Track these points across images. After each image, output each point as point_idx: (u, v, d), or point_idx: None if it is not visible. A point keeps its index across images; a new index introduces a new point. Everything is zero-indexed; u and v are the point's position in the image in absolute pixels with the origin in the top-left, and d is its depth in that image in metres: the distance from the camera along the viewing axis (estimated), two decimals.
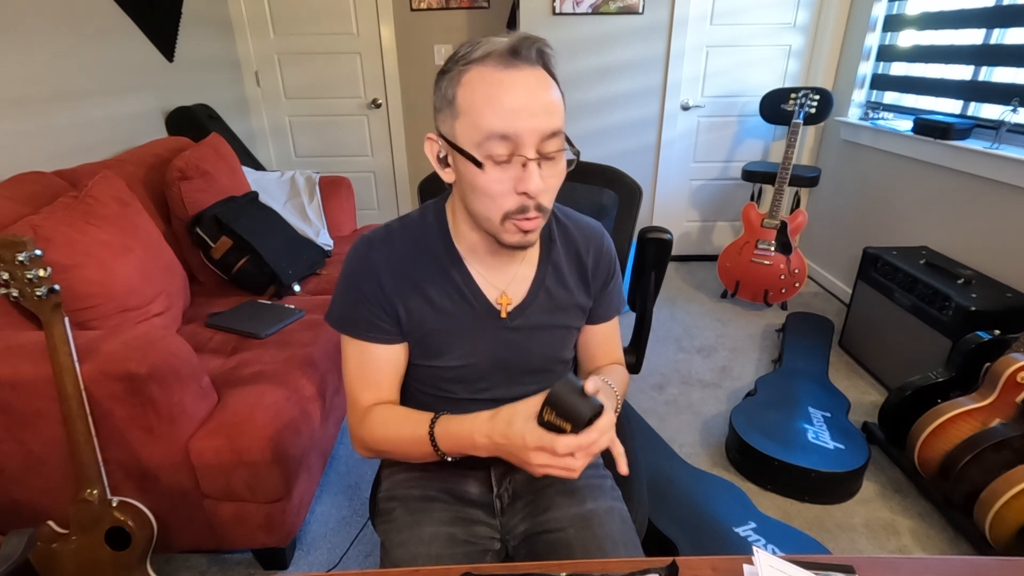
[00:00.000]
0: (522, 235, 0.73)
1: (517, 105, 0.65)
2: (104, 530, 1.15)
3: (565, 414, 0.63)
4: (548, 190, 0.71)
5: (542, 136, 0.67)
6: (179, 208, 1.91)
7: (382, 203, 3.71)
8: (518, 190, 0.69)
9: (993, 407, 1.49)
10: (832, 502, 1.65)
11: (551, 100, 0.68)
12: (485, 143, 0.67)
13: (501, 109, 0.65)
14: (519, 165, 0.68)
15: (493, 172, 0.68)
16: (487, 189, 0.69)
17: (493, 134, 0.66)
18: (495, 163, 0.67)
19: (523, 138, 0.66)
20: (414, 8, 3.24)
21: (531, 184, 0.67)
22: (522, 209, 0.70)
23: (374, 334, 0.81)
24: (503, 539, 0.89)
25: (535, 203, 0.70)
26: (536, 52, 0.68)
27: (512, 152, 0.67)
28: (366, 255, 0.80)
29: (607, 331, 0.95)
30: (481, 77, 0.66)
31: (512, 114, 0.65)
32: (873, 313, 2.25)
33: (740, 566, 0.64)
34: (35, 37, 1.80)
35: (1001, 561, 0.67)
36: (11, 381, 1.11)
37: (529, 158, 0.67)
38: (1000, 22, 2.08)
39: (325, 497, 1.68)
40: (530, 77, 0.67)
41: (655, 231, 1.22)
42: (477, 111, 0.66)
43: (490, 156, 0.67)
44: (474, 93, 0.66)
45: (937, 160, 2.24)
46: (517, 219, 0.71)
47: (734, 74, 3.06)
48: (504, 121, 0.65)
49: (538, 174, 0.68)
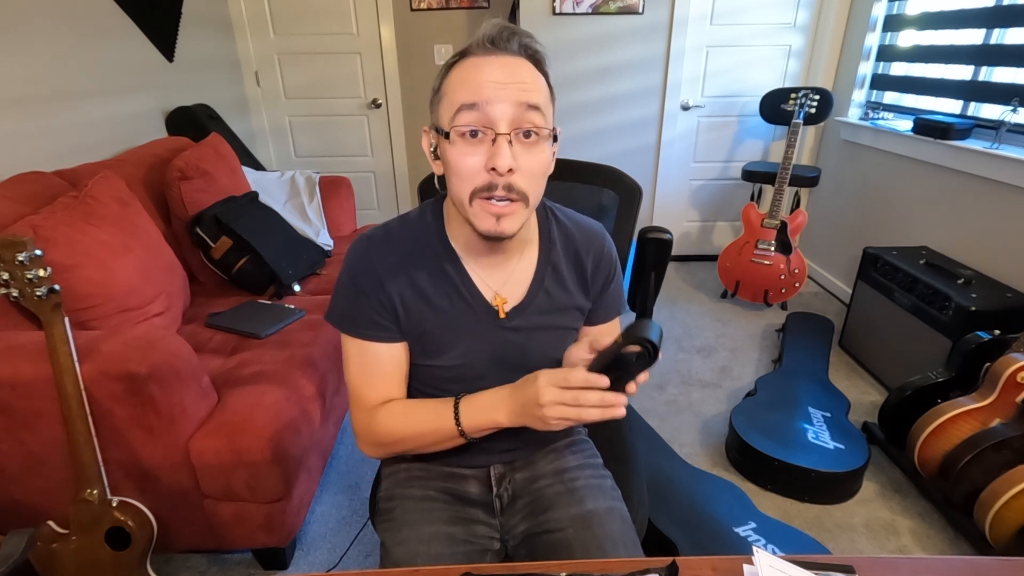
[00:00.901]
0: (493, 221, 0.71)
1: (489, 79, 0.68)
2: (104, 530, 1.15)
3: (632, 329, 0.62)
4: (523, 173, 0.70)
5: (516, 109, 0.67)
6: (179, 208, 1.91)
7: (382, 203, 3.71)
8: (487, 167, 0.69)
9: (993, 407, 1.49)
10: (832, 502, 1.65)
11: (526, 79, 0.69)
12: (456, 116, 0.68)
13: (472, 83, 0.68)
14: (489, 142, 0.68)
15: (462, 145, 0.69)
16: (457, 164, 0.70)
17: (464, 104, 0.68)
18: (463, 136, 0.68)
19: (493, 108, 0.67)
20: (414, 8, 3.24)
21: (498, 159, 0.67)
22: (489, 187, 0.69)
23: (375, 332, 0.80)
24: (503, 539, 0.89)
25: (504, 182, 0.69)
26: (518, 44, 0.70)
27: (481, 124, 0.68)
28: (365, 253, 0.80)
29: (606, 332, 0.94)
30: (463, 64, 0.70)
31: (482, 86, 0.67)
32: (873, 313, 2.25)
33: (740, 566, 0.64)
34: (35, 37, 1.80)
35: (1001, 561, 0.67)
36: (11, 381, 1.11)
37: (499, 132, 0.67)
38: (1000, 22, 2.08)
39: (325, 497, 1.68)
40: (506, 61, 0.69)
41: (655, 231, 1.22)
42: (453, 90, 0.70)
43: (458, 128, 0.68)
44: (455, 77, 0.70)
45: (937, 160, 2.24)
46: (484, 198, 0.70)
47: (734, 74, 3.06)
48: (473, 92, 0.67)
49: (508, 150, 0.67)
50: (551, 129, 0.72)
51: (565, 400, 0.66)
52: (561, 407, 0.67)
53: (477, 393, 0.78)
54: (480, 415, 0.76)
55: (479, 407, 0.77)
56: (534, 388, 0.68)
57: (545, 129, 0.71)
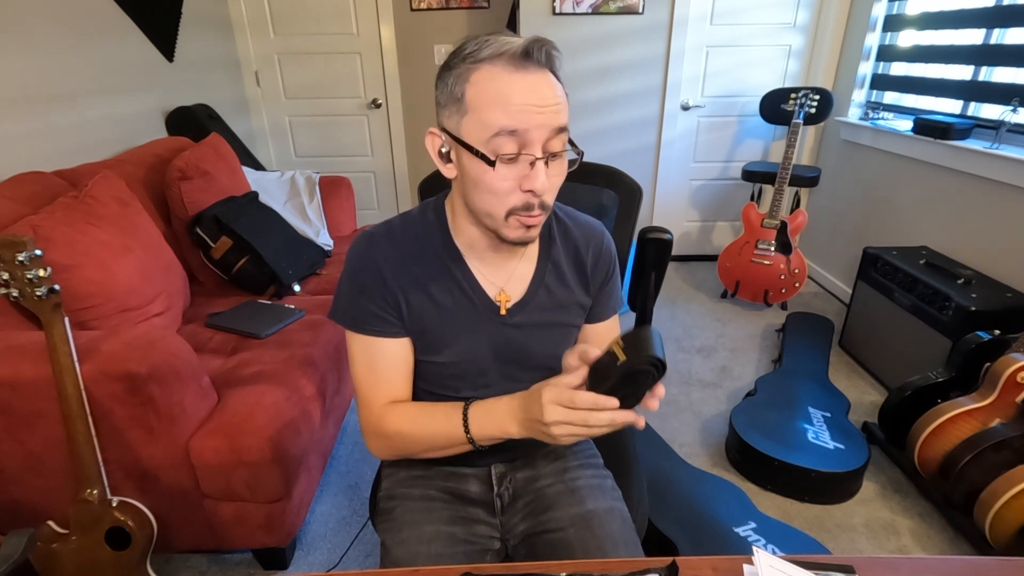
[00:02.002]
0: (524, 231, 0.73)
1: (527, 102, 0.66)
2: (104, 530, 1.15)
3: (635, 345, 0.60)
4: (552, 188, 0.72)
5: (550, 133, 0.68)
6: (179, 208, 1.91)
7: (382, 203, 3.71)
8: (524, 188, 0.69)
9: (993, 407, 1.49)
10: (832, 502, 1.65)
11: (558, 99, 0.69)
12: (493, 139, 0.67)
13: (511, 106, 0.66)
14: (526, 163, 0.68)
15: (502, 169, 0.69)
16: (493, 186, 0.70)
17: (503, 130, 0.66)
18: (503, 160, 0.68)
19: (531, 134, 0.67)
20: (414, 8, 3.24)
21: (537, 182, 0.68)
22: (527, 206, 0.71)
23: (380, 327, 0.80)
24: (503, 539, 0.89)
25: (540, 200, 0.71)
26: (545, 54, 0.69)
27: (519, 149, 0.68)
28: (367, 250, 0.81)
29: (605, 330, 0.94)
30: (491, 76, 0.67)
31: (521, 111, 0.66)
32: (873, 313, 2.25)
33: (740, 566, 0.64)
34: (35, 37, 1.80)
35: (1001, 561, 0.67)
36: (11, 381, 1.11)
37: (537, 156, 0.68)
38: (1000, 22, 2.08)
39: (325, 497, 1.68)
40: (539, 78, 0.68)
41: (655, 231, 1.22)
42: (486, 109, 0.67)
43: (498, 153, 0.68)
44: (484, 91, 0.67)
45: (937, 160, 2.24)
46: (522, 216, 0.71)
47: (734, 74, 3.06)
48: (513, 118, 0.66)
49: (544, 172, 0.69)
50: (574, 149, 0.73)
51: (573, 421, 0.64)
52: (569, 427, 0.65)
53: (487, 401, 0.76)
54: (490, 426, 0.75)
55: (490, 417, 0.75)
56: (538, 406, 0.66)
57: (569, 150, 0.72)
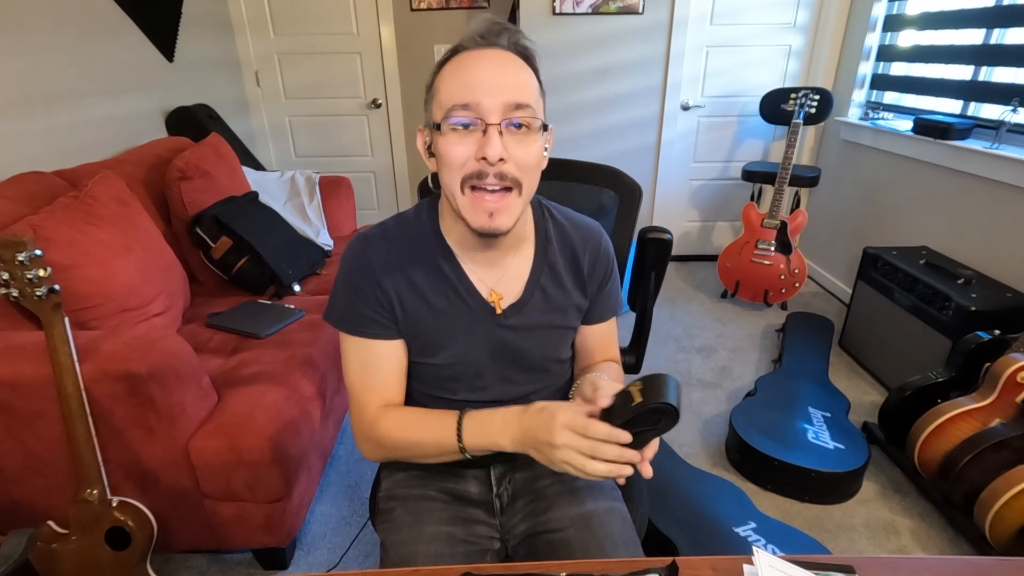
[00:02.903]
0: (485, 217, 0.71)
1: (478, 76, 0.69)
2: (104, 530, 1.15)
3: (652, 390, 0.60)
4: (516, 162, 0.70)
5: (505, 106, 0.68)
6: (179, 208, 1.91)
7: (382, 203, 3.71)
8: (477, 156, 0.69)
9: (993, 407, 1.49)
10: (832, 502, 1.65)
11: (518, 77, 0.70)
12: (450, 113, 0.69)
13: (464, 81, 0.69)
14: (480, 132, 0.69)
15: (453, 136, 0.70)
16: (448, 155, 0.70)
17: (456, 105, 0.69)
18: (455, 129, 0.70)
19: (483, 105, 0.68)
20: (414, 8, 3.24)
21: (489, 149, 0.68)
22: (480, 174, 0.70)
23: (373, 330, 0.80)
24: (503, 539, 0.89)
25: (495, 170, 0.70)
26: (507, 39, 0.71)
27: (474, 118, 0.69)
28: (362, 251, 0.81)
29: (604, 331, 0.94)
30: (456, 61, 0.71)
31: (474, 84, 0.68)
32: (873, 313, 2.25)
33: (740, 566, 0.64)
34: (35, 37, 1.80)
35: (1001, 561, 0.67)
36: (11, 381, 1.11)
37: (490, 123, 0.68)
38: (1000, 22, 2.08)
39: (325, 497, 1.68)
40: (496, 56, 0.70)
41: (655, 231, 1.22)
42: (445, 87, 0.71)
43: (452, 124, 0.70)
44: (448, 74, 0.71)
45: (937, 160, 2.24)
46: (476, 187, 0.70)
47: (734, 74, 3.06)
48: (466, 91, 0.68)
49: (498, 140, 0.68)
50: (541, 120, 0.72)
51: (582, 448, 0.63)
52: (575, 453, 0.64)
53: (483, 411, 0.76)
54: (484, 437, 0.74)
55: (484, 429, 0.74)
56: (549, 426, 0.65)
57: (536, 121, 0.71)
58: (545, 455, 0.67)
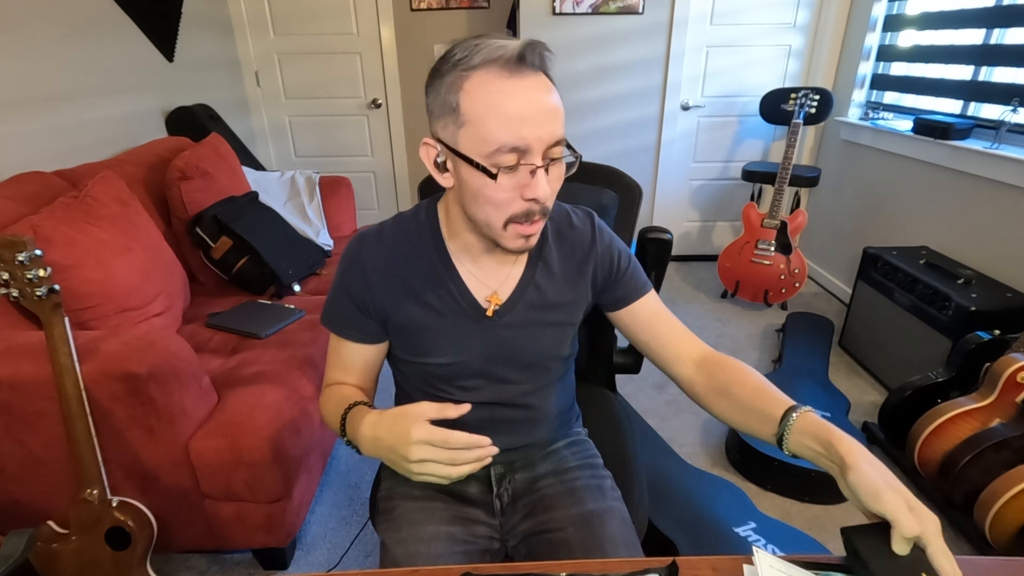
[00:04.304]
0: (523, 240, 0.73)
1: (524, 114, 0.65)
2: (104, 530, 1.14)
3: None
4: (552, 194, 0.72)
5: (547, 144, 0.67)
6: (179, 208, 1.91)
7: (382, 203, 3.71)
8: (525, 196, 0.69)
9: (993, 407, 1.49)
10: (832, 502, 1.65)
11: (554, 106, 0.68)
12: (494, 155, 0.66)
13: (509, 120, 0.64)
14: (526, 172, 0.68)
15: (503, 180, 0.68)
16: (494, 197, 0.69)
17: (504, 147, 0.65)
18: (504, 172, 0.67)
19: (531, 147, 0.66)
20: (414, 8, 3.24)
21: (539, 191, 0.68)
22: (528, 214, 0.70)
23: (348, 332, 0.84)
24: (503, 539, 0.89)
25: (541, 207, 0.71)
26: (539, 57, 0.67)
27: (519, 160, 0.67)
28: (357, 252, 0.82)
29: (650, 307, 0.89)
30: (485, 85, 0.65)
31: (519, 123, 0.65)
32: (873, 313, 2.25)
33: (740, 566, 0.64)
34: (35, 37, 1.80)
35: (1001, 561, 0.67)
36: (11, 381, 1.11)
37: (538, 165, 0.67)
38: (1000, 22, 2.08)
39: (325, 497, 1.68)
40: (534, 84, 0.66)
41: (655, 231, 1.22)
42: (483, 122, 0.65)
43: (500, 165, 0.67)
44: (479, 101, 0.65)
45: (937, 160, 2.24)
46: (521, 224, 0.71)
47: (734, 74, 3.06)
48: (512, 133, 0.65)
49: (545, 180, 0.68)
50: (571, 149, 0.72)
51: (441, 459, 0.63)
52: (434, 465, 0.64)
53: (364, 408, 0.76)
54: (353, 434, 0.75)
55: (353, 426, 0.75)
56: (404, 440, 0.64)
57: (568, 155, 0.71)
58: (401, 467, 0.66)
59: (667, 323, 0.88)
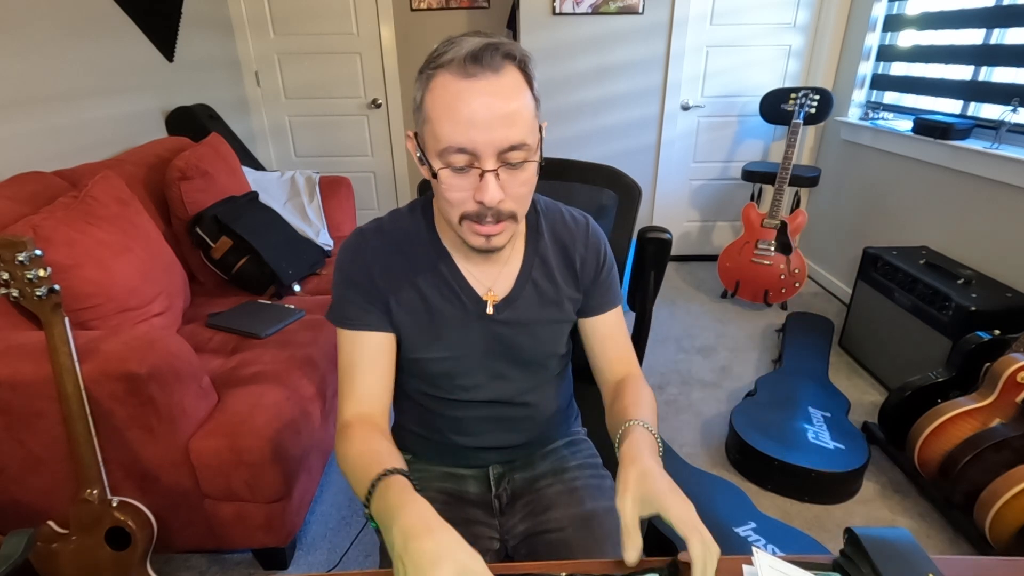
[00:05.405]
0: (483, 239, 0.72)
1: (474, 118, 0.64)
2: (104, 530, 1.14)
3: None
4: (513, 198, 0.70)
5: (500, 149, 0.66)
6: (179, 208, 1.91)
7: (382, 203, 3.70)
8: (475, 199, 0.69)
9: (993, 407, 1.49)
10: (832, 502, 1.65)
11: (511, 110, 0.65)
12: (444, 154, 0.67)
13: (458, 122, 0.64)
14: (477, 175, 0.67)
15: (451, 179, 0.68)
16: (446, 195, 0.70)
17: (451, 147, 0.66)
18: (453, 171, 0.68)
19: (480, 150, 0.66)
20: (414, 8, 3.24)
21: (486, 195, 0.67)
22: (478, 215, 0.70)
23: (363, 319, 0.80)
24: (502, 539, 0.89)
25: (493, 211, 0.69)
26: (501, 56, 0.65)
27: (470, 163, 0.67)
28: (357, 246, 0.81)
29: (610, 323, 0.91)
30: (443, 85, 0.65)
31: (469, 126, 0.64)
32: (873, 313, 2.25)
33: (740, 566, 0.64)
34: (35, 37, 1.80)
35: (1001, 561, 0.67)
36: (11, 381, 1.11)
37: (487, 169, 0.66)
38: (1000, 22, 2.08)
39: (325, 497, 1.68)
40: (489, 87, 0.64)
41: (655, 231, 1.22)
42: (437, 121, 0.66)
43: (448, 165, 0.67)
44: (436, 102, 0.66)
45: (937, 160, 2.24)
46: (474, 222, 0.71)
47: (734, 74, 3.06)
48: (463, 135, 0.65)
49: (495, 185, 0.67)
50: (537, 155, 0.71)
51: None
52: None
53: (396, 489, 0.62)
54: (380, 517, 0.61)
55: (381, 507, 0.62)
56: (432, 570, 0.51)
57: (532, 157, 0.69)
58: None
59: (616, 342, 0.92)
